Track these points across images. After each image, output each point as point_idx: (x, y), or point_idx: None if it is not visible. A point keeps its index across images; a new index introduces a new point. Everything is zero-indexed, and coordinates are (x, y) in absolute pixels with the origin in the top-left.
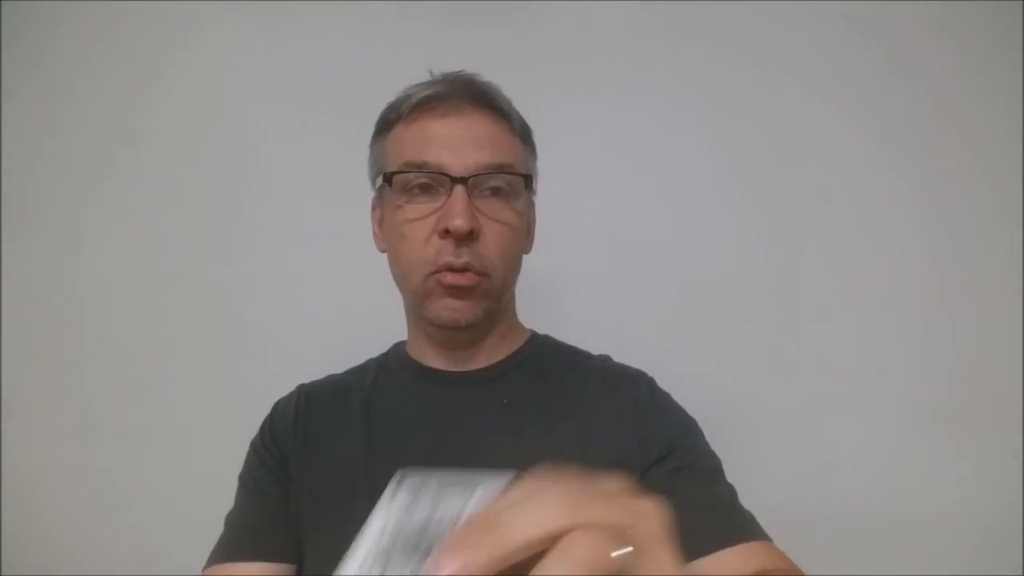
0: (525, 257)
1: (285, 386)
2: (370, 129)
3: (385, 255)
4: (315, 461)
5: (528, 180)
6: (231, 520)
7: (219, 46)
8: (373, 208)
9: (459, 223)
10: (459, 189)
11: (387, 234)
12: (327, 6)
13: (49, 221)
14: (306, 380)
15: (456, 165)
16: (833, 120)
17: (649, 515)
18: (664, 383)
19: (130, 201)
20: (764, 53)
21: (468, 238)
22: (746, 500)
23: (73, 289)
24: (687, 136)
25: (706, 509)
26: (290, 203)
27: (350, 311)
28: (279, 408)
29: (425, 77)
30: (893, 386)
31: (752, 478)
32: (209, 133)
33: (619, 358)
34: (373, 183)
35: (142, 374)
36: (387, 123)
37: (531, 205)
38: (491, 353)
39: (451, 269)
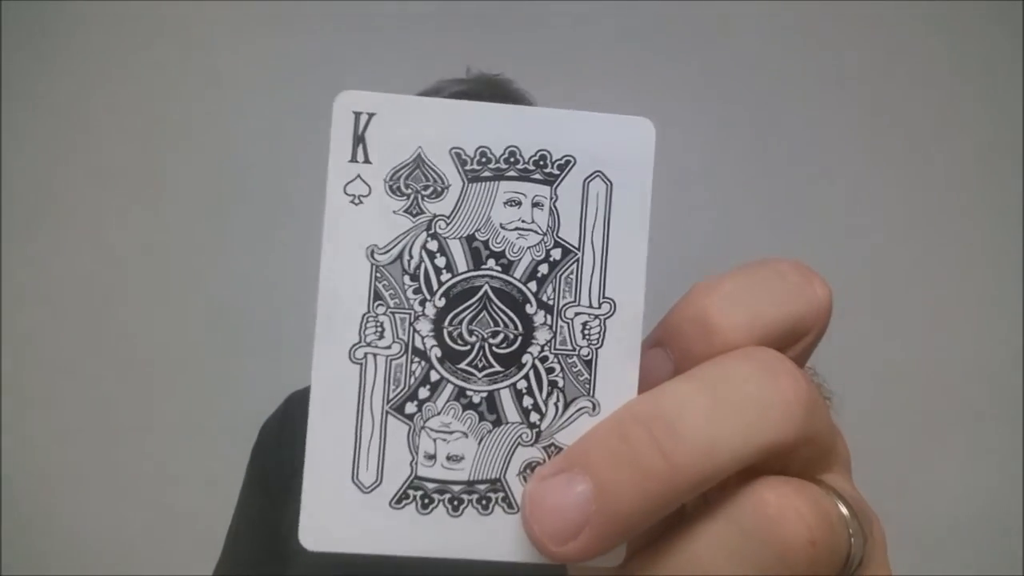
0: None
1: (288, 386)
2: None
3: None
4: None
5: None
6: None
7: (226, 46)
8: None
9: None
10: None
11: None
12: (330, 6)
13: (51, 221)
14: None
15: None
16: (834, 119)
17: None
18: None
19: (132, 201)
20: (763, 53)
21: None
22: None
23: (75, 289)
24: (686, 135)
25: None
26: (293, 204)
27: None
28: (265, 429)
29: (459, 73)
30: (892, 386)
31: None
32: (216, 134)
33: None
34: None
35: (143, 374)
36: None
37: None
38: None
39: None
